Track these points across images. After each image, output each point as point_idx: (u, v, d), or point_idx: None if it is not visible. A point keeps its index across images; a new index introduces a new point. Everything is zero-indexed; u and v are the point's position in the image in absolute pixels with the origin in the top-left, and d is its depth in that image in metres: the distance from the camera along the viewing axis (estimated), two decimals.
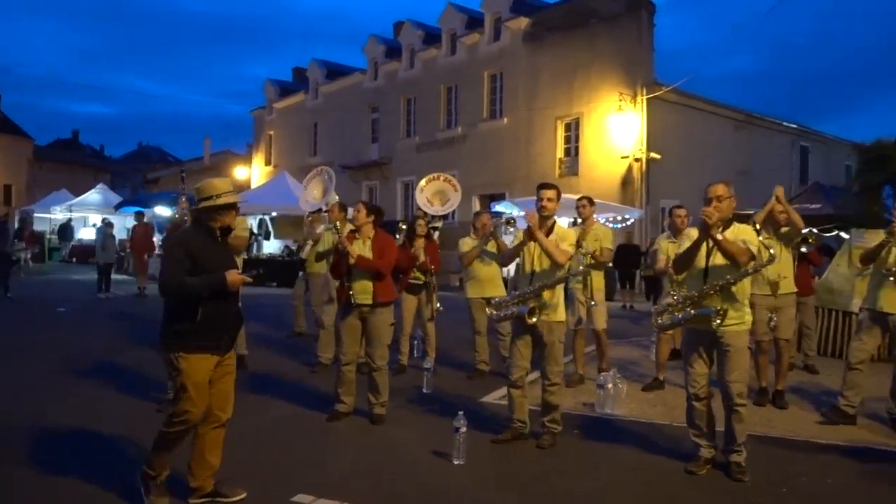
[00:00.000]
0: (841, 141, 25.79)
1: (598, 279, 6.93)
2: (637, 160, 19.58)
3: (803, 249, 6.84)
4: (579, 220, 7.08)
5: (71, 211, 26.43)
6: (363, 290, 5.50)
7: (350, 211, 6.42)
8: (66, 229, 27.09)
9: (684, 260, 4.57)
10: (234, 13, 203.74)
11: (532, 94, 22.47)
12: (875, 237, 6.37)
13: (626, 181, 19.76)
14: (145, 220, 16.89)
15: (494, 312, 5.23)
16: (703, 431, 4.56)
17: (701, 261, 4.46)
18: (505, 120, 23.49)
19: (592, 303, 6.86)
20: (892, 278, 5.48)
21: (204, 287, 3.64)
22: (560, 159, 21.91)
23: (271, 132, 35.02)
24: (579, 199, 7.10)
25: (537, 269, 5.00)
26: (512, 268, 5.58)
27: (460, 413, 4.63)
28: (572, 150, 21.72)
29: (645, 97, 19.41)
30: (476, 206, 22.96)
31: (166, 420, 3.70)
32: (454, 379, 7.24)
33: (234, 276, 3.68)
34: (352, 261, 5.45)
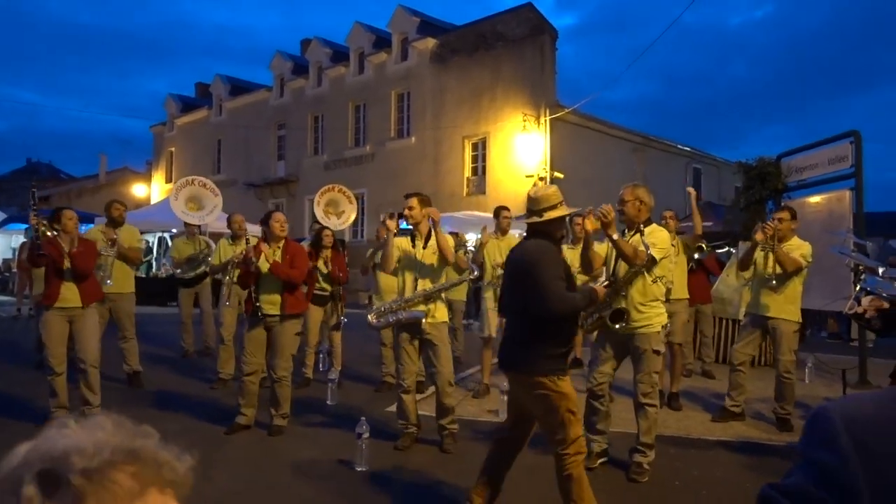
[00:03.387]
0: (730, 164, 27.33)
1: None
2: (541, 179, 20.09)
3: (697, 256, 7.22)
4: (499, 233, 7.14)
5: None
6: (271, 302, 5.39)
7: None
8: None
9: (583, 260, 4.74)
10: (132, 26, 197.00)
11: (439, 113, 22.75)
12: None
13: None
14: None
15: (375, 320, 5.18)
16: (595, 429, 4.69)
17: (611, 262, 4.62)
18: (413, 139, 23.65)
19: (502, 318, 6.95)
20: (773, 282, 5.79)
21: (585, 302, 3.49)
22: (468, 178, 22.22)
23: (172, 149, 33.91)
24: (503, 210, 7.13)
25: (420, 275, 5.05)
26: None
27: (362, 419, 4.59)
28: (479, 169, 22.07)
29: (548, 118, 20.01)
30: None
31: (563, 458, 3.38)
32: (360, 392, 7.16)
33: (600, 288, 3.62)
34: (265, 268, 5.33)
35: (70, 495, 0.62)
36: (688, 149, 26.26)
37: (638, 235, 4.50)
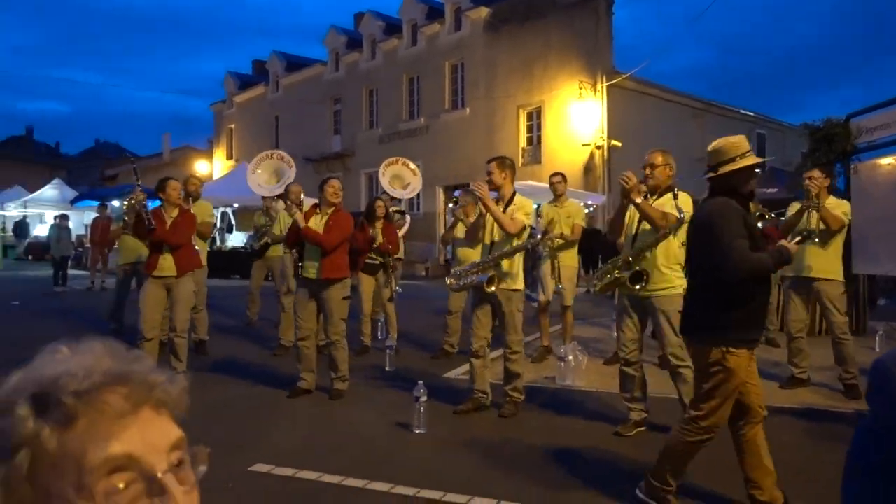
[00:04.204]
0: (795, 127, 26.35)
1: (567, 257, 6.99)
2: (598, 147, 19.78)
3: (759, 224, 7.01)
4: (554, 199, 7.10)
5: (26, 207, 25.77)
6: (311, 265, 5.51)
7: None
8: (21, 226, 26.42)
9: (612, 225, 4.72)
10: (190, 8, 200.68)
11: (493, 83, 22.54)
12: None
13: (588, 168, 19.96)
14: (108, 212, 16.50)
15: (453, 282, 5.27)
16: (633, 396, 4.64)
17: (632, 226, 4.55)
18: (467, 110, 23.51)
19: (559, 286, 6.93)
20: (817, 240, 5.63)
21: (774, 262, 3.20)
22: (523, 148, 22.02)
23: (232, 126, 34.57)
24: (553, 176, 7.13)
25: (496, 238, 5.06)
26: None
27: (420, 383, 4.65)
28: (535, 139, 21.84)
29: (604, 85, 19.61)
30: (440, 196, 22.98)
31: (688, 427, 3.24)
32: (418, 359, 7.25)
33: (792, 246, 3.25)
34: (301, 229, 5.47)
35: (62, 415, 0.63)
36: (750, 114, 25.39)
37: (670, 198, 4.37)
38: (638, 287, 4.37)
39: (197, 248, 7.18)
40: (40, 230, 26.10)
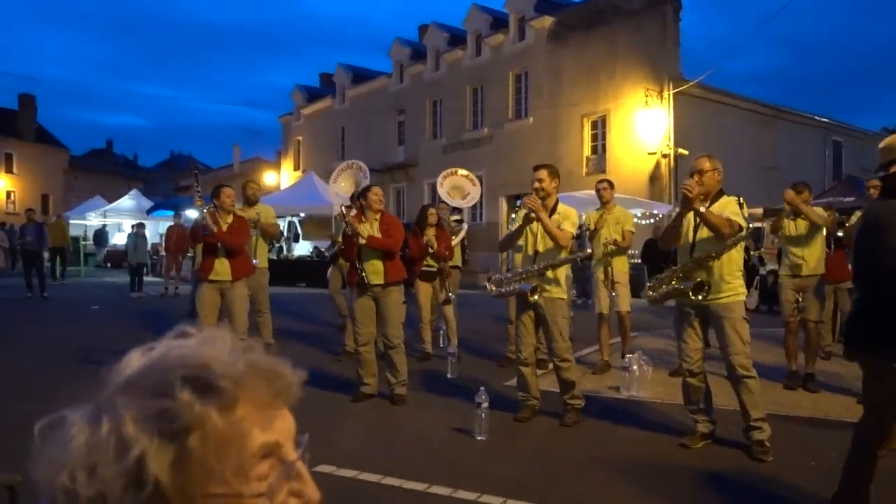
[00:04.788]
0: (874, 134, 25.28)
1: (620, 263, 6.93)
2: (665, 156, 19.42)
3: (839, 234, 6.79)
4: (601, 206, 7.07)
5: (105, 217, 26.94)
6: (375, 271, 5.56)
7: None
8: (100, 235, 27.64)
9: (668, 234, 4.61)
10: (259, 23, 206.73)
11: (557, 92, 22.41)
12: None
13: (655, 177, 19.61)
14: (182, 221, 17.09)
15: (494, 289, 5.25)
16: (698, 407, 4.52)
17: (689, 234, 4.45)
18: (531, 119, 23.45)
19: (613, 293, 6.85)
20: None
21: None
22: (587, 157, 21.80)
23: (299, 137, 35.39)
24: (599, 182, 7.12)
25: (540, 249, 5.06)
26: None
27: (481, 389, 4.65)
28: (599, 148, 21.60)
29: (671, 92, 19.24)
30: (503, 206, 22.97)
31: (861, 447, 3.05)
32: (480, 366, 7.24)
33: None
34: (362, 241, 5.52)
35: (224, 399, 0.65)
36: (825, 120, 24.47)
37: (729, 203, 4.29)
38: (700, 297, 4.26)
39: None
40: (118, 238, 27.24)
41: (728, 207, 4.29)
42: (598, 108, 21.30)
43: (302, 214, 21.65)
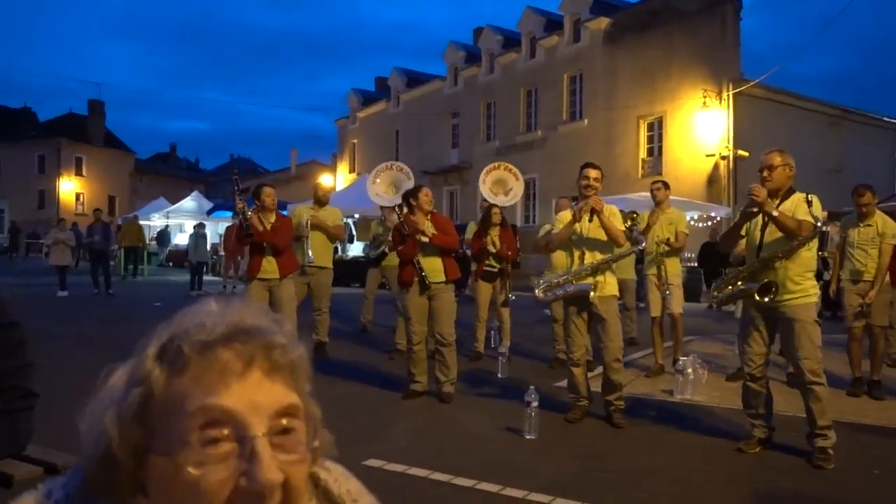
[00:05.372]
0: None
1: (672, 265, 6.81)
2: (723, 158, 18.99)
3: None
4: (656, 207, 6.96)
5: (168, 218, 27.81)
6: (434, 269, 5.59)
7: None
8: (163, 235, 28.55)
9: (728, 236, 4.52)
10: (317, 30, 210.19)
11: (612, 94, 22.16)
12: None
13: (713, 179, 19.19)
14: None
15: (541, 294, 5.17)
16: (757, 412, 4.38)
17: (756, 234, 4.32)
18: (585, 121, 23.24)
19: (667, 292, 6.74)
20: None
21: None
22: (643, 159, 21.49)
23: (354, 140, 35.85)
24: (654, 183, 7.03)
25: (587, 248, 4.98)
26: None
27: (531, 388, 4.63)
28: (655, 150, 21.27)
29: (731, 93, 18.82)
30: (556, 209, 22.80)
31: None
32: (530, 367, 7.21)
33: None
34: (425, 239, 5.54)
35: (175, 361, 0.66)
36: (895, 121, 23.53)
37: (799, 202, 4.14)
38: (767, 299, 4.13)
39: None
40: (180, 239, 28.07)
41: (799, 207, 4.14)
42: (654, 109, 20.97)
43: (356, 216, 21.90)
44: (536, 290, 5.27)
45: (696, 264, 15.34)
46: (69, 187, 46.07)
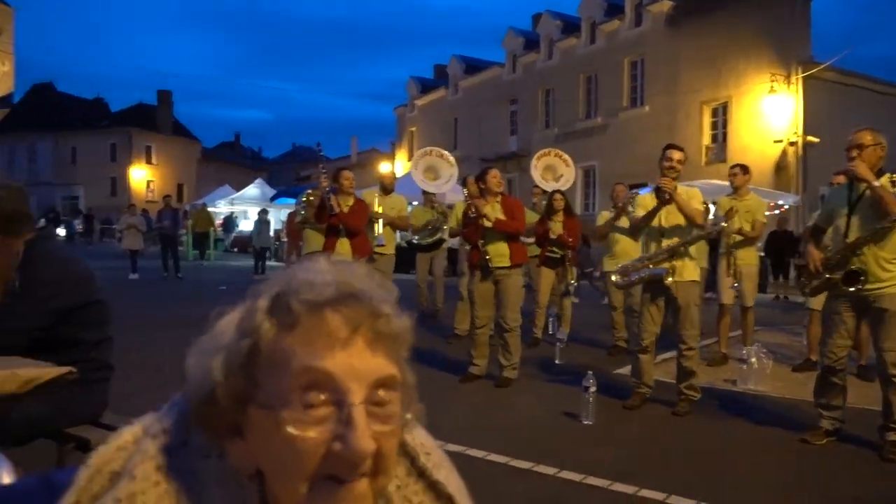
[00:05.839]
0: None
1: (746, 255, 6.59)
2: (792, 144, 18.37)
3: None
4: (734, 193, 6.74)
5: (233, 204, 28.55)
6: (499, 254, 5.59)
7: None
8: (228, 221, 29.35)
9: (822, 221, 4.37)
10: (377, 18, 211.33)
11: (675, 79, 21.65)
12: None
13: (781, 166, 18.60)
14: None
15: (621, 279, 5.14)
16: (829, 404, 4.24)
17: (842, 221, 4.14)
18: (646, 107, 22.80)
19: (736, 283, 6.57)
20: None
21: None
22: (706, 146, 20.97)
23: (413, 128, 36.03)
24: (732, 168, 6.79)
25: (666, 232, 4.90)
26: None
27: (589, 373, 4.62)
28: (719, 136, 20.72)
29: (800, 76, 18.16)
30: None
31: None
32: (588, 354, 7.17)
33: None
34: (488, 224, 5.56)
35: (286, 317, 0.67)
36: None
37: (888, 182, 3.91)
38: (853, 289, 3.96)
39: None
40: (244, 225, 28.82)
41: (886, 189, 3.93)
42: (719, 94, 20.42)
43: (415, 203, 22.00)
44: (613, 276, 5.35)
45: (762, 254, 14.92)
46: (140, 175, 47.77)
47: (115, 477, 0.70)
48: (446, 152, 11.18)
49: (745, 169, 6.71)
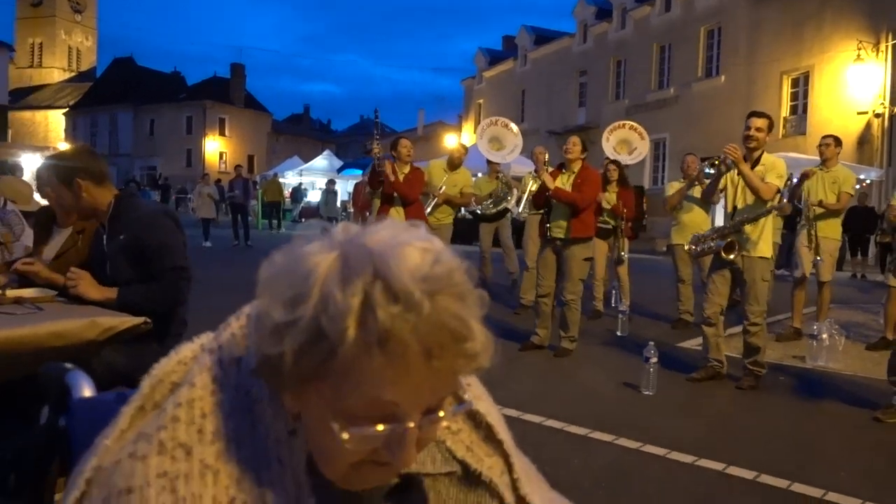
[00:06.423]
0: None
1: (827, 228, 6.34)
2: (877, 116, 17.45)
3: None
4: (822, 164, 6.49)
5: (301, 175, 29.14)
6: (559, 225, 5.55)
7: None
8: (297, 192, 29.97)
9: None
10: None
11: (754, 48, 20.79)
12: None
13: (864, 139, 17.70)
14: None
15: (693, 248, 5.07)
16: None
17: None
18: (722, 78, 22.00)
19: (818, 258, 6.32)
20: None
21: None
22: (785, 118, 20.11)
23: (480, 101, 35.80)
24: (824, 138, 6.53)
25: (739, 204, 4.78)
26: None
27: (651, 343, 4.57)
28: (799, 108, 19.85)
29: (891, 43, 17.16)
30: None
31: None
32: (652, 326, 7.07)
33: None
34: (549, 192, 5.52)
35: (374, 337, 0.60)
36: None
37: None
38: None
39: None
40: (312, 196, 29.36)
41: None
42: (800, 63, 19.52)
43: (479, 174, 21.97)
44: (687, 245, 5.35)
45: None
46: (213, 146, 49.16)
47: (176, 388, 0.76)
48: (511, 122, 11.10)
49: (837, 140, 6.47)
